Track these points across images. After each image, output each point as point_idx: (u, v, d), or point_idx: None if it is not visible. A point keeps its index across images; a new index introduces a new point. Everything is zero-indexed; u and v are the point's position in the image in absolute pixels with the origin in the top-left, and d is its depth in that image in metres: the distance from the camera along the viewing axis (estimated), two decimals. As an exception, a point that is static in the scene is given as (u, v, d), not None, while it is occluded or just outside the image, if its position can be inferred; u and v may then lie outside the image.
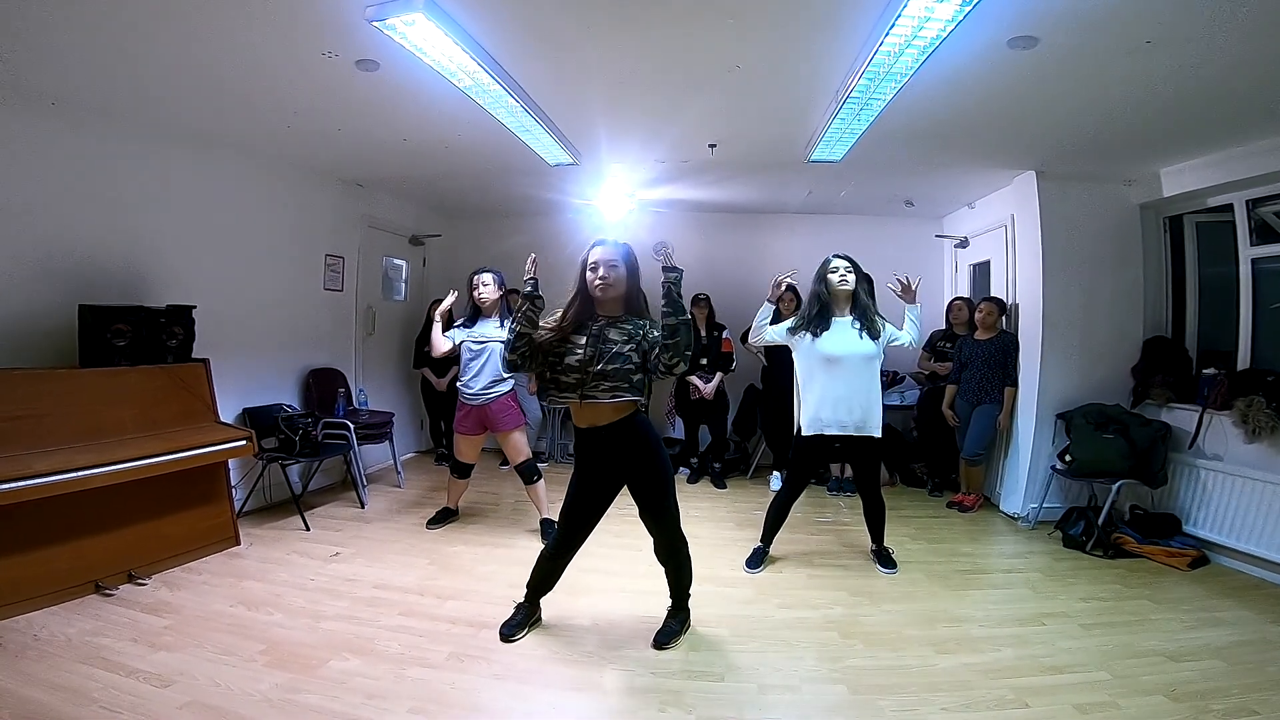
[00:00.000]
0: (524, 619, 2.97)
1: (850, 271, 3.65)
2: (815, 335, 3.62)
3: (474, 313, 4.18)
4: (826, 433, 3.61)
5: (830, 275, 3.67)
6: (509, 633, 2.91)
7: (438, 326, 4.10)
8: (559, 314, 2.79)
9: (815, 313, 3.66)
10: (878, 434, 3.61)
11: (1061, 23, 2.52)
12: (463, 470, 4.36)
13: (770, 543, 3.92)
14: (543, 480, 4.23)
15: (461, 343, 4.13)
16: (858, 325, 3.60)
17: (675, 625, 2.96)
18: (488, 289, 4.12)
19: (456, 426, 4.27)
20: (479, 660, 2.71)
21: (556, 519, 4.04)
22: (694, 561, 3.81)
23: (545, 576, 3.00)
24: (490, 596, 3.33)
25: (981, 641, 2.96)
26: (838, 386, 3.57)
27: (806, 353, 3.66)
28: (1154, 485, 4.21)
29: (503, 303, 4.21)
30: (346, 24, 2.62)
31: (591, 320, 2.74)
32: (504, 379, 4.13)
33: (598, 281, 2.70)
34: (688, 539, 2.97)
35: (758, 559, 3.85)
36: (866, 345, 3.57)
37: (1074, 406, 4.60)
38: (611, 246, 2.76)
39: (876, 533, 3.87)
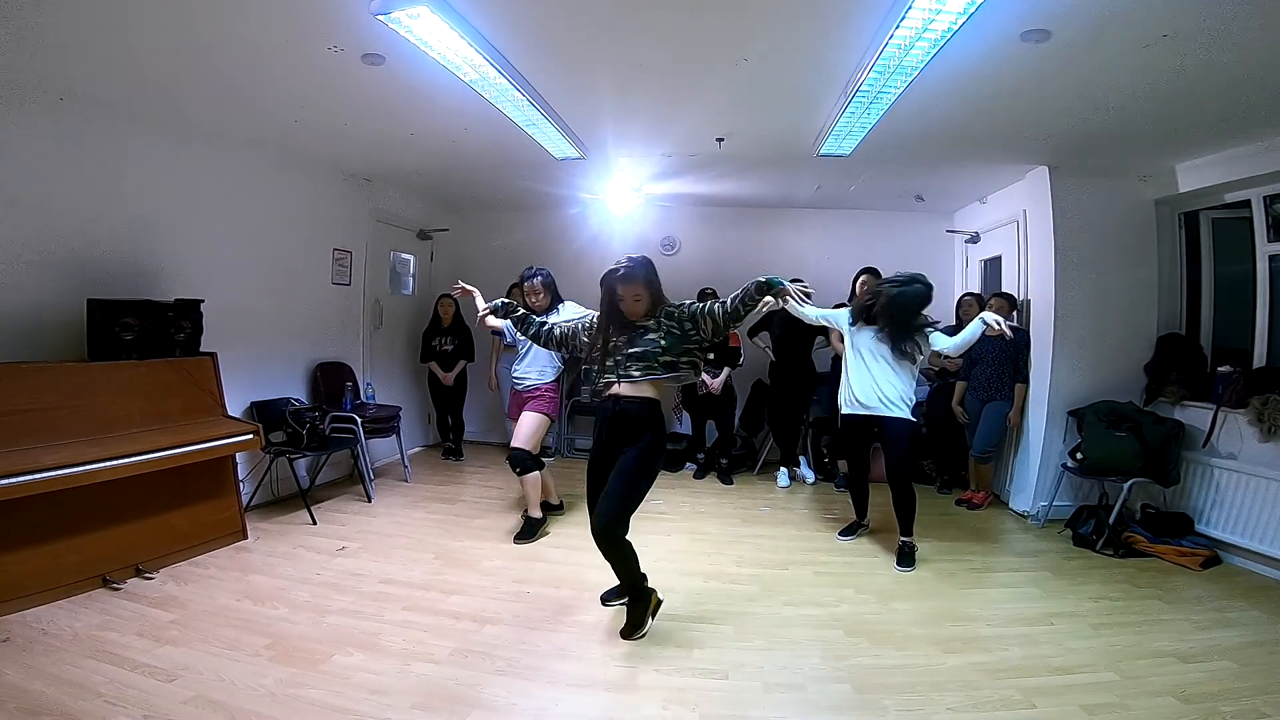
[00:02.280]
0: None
1: None
2: (878, 336, 3.87)
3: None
4: (853, 413, 3.93)
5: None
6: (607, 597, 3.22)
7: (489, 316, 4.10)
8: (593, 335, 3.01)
9: (876, 313, 3.85)
10: (889, 413, 3.79)
11: (1075, 16, 2.48)
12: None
13: (865, 516, 4.30)
14: (532, 475, 4.09)
15: (515, 337, 4.15)
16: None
17: (638, 616, 2.93)
18: (540, 297, 4.12)
19: (508, 413, 4.34)
20: (482, 656, 2.71)
21: (540, 516, 4.17)
22: (700, 558, 3.83)
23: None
24: (495, 592, 3.34)
25: (989, 641, 2.93)
26: (867, 370, 3.87)
27: (854, 339, 3.95)
28: (1166, 484, 4.16)
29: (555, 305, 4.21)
30: (352, 18, 2.61)
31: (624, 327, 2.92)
32: (550, 368, 4.20)
33: (634, 310, 2.87)
34: (692, 535, 2.97)
35: (852, 530, 4.29)
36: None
37: (1086, 404, 4.55)
38: (630, 272, 2.84)
39: (904, 524, 3.90)
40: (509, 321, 3.21)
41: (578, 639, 2.89)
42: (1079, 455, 4.41)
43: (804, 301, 3.05)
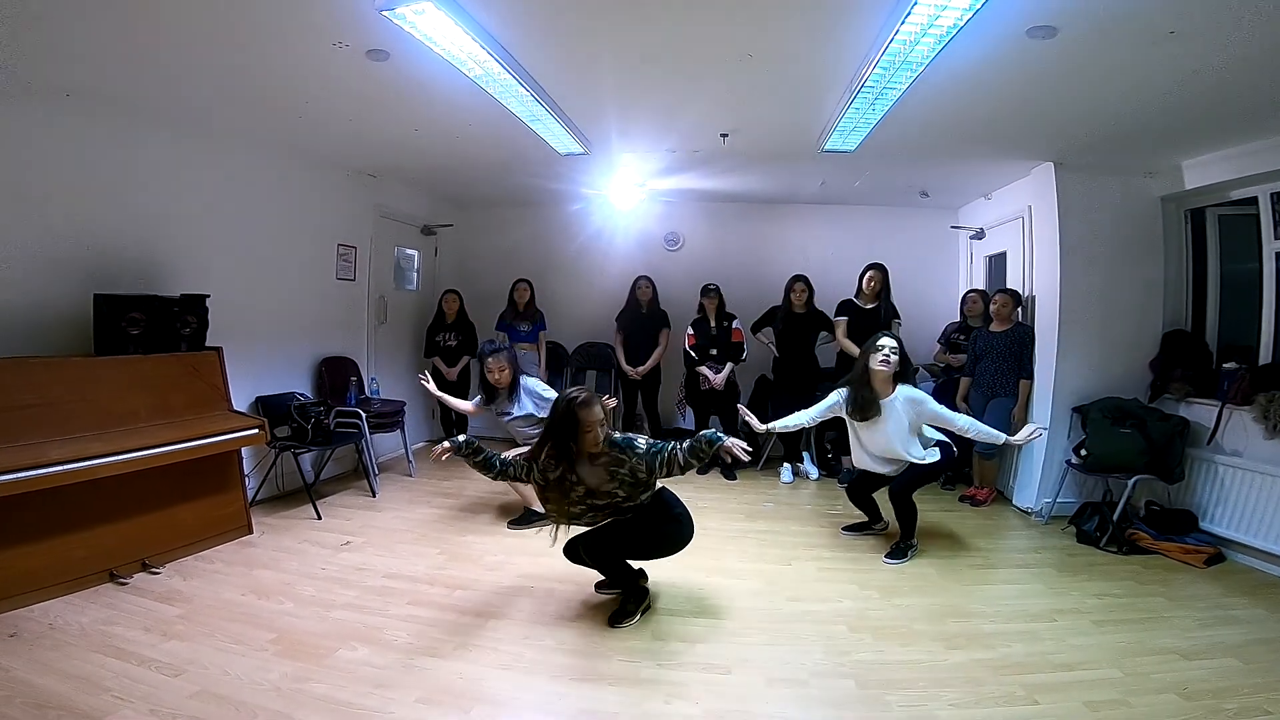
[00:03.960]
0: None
1: (895, 353, 3.74)
2: (858, 420, 3.83)
3: (489, 393, 4.24)
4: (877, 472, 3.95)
5: (873, 355, 3.76)
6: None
7: (455, 401, 4.32)
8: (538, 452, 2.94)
9: (860, 402, 3.78)
10: (916, 461, 3.77)
11: (1082, 12, 2.46)
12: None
13: (879, 520, 4.26)
14: None
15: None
16: (900, 404, 3.72)
17: (631, 607, 3.03)
18: (504, 374, 4.14)
19: None
20: (486, 650, 2.72)
21: (542, 512, 4.05)
22: (703, 553, 3.83)
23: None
24: (499, 587, 3.35)
25: (992, 637, 2.93)
26: (876, 445, 3.84)
27: (853, 427, 3.92)
28: (1171, 481, 4.15)
29: (516, 381, 4.21)
30: (356, 14, 2.61)
31: (574, 460, 2.86)
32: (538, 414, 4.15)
33: (597, 438, 2.82)
34: (695, 528, 3.04)
35: (857, 527, 4.31)
36: (900, 424, 3.73)
37: (1090, 400, 4.54)
38: (596, 404, 2.83)
39: (905, 530, 3.91)
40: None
41: (581, 634, 2.90)
42: (1083, 452, 4.40)
43: (748, 454, 2.87)
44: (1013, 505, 4.98)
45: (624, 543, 3.00)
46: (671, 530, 3.02)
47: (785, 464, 5.68)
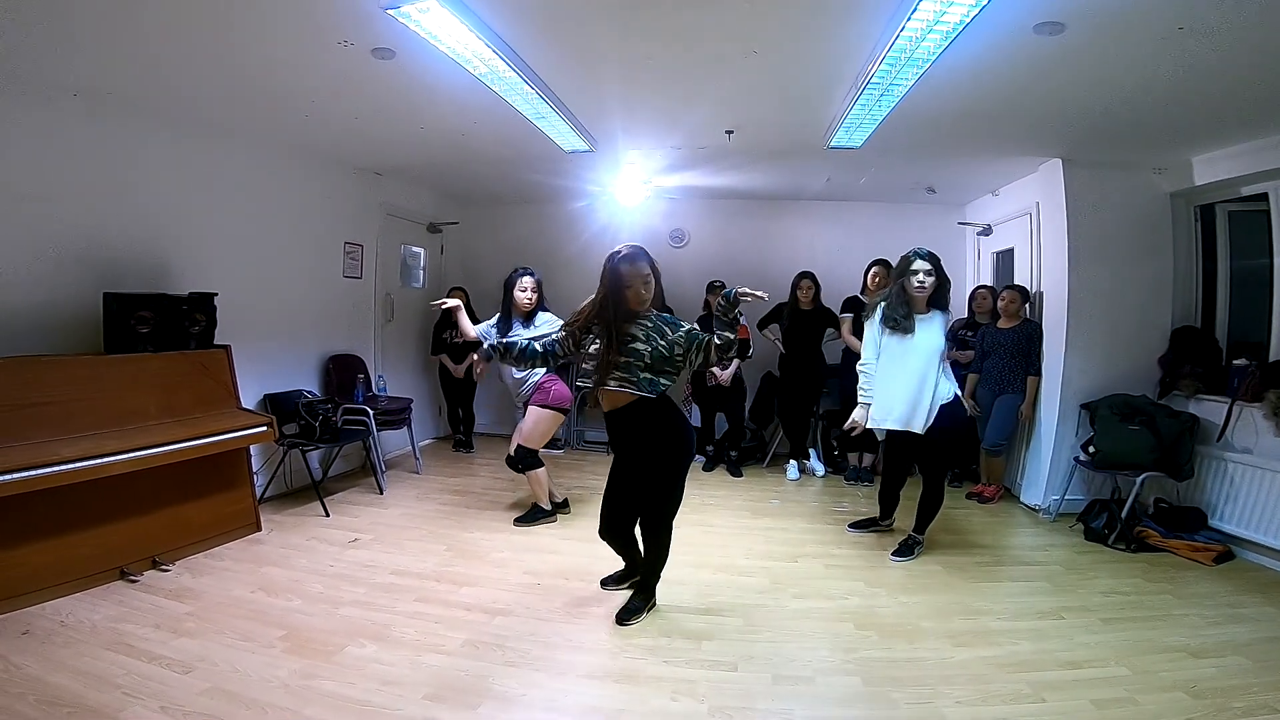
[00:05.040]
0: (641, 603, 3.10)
1: (931, 275, 3.71)
2: (894, 333, 3.76)
3: (506, 314, 4.13)
4: (883, 427, 3.79)
5: (910, 279, 3.71)
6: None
7: (465, 320, 4.13)
8: (580, 313, 2.91)
9: (903, 316, 3.73)
10: (919, 430, 3.67)
11: (1089, 8, 2.44)
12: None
13: (890, 517, 4.19)
14: (536, 472, 4.19)
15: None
16: (939, 322, 3.75)
17: (639, 603, 3.03)
18: (535, 297, 4.08)
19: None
20: (493, 647, 2.73)
21: (549, 506, 4.23)
22: (710, 550, 3.83)
23: (620, 554, 3.19)
24: (506, 583, 3.36)
25: (998, 635, 2.93)
26: (896, 381, 3.73)
27: (883, 347, 3.83)
28: (1180, 478, 4.13)
29: (535, 311, 4.15)
30: (362, 12, 2.61)
31: (617, 321, 2.81)
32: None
33: (641, 297, 2.79)
34: (701, 527, 2.99)
35: (863, 524, 4.28)
36: (933, 341, 3.68)
37: (1099, 397, 4.52)
38: (642, 261, 2.79)
39: (920, 521, 3.87)
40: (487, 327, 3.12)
41: (588, 631, 2.91)
42: (1091, 449, 4.38)
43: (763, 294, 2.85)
44: (1020, 502, 4.97)
45: (648, 491, 2.91)
46: (677, 445, 2.88)
47: (791, 461, 5.68)
